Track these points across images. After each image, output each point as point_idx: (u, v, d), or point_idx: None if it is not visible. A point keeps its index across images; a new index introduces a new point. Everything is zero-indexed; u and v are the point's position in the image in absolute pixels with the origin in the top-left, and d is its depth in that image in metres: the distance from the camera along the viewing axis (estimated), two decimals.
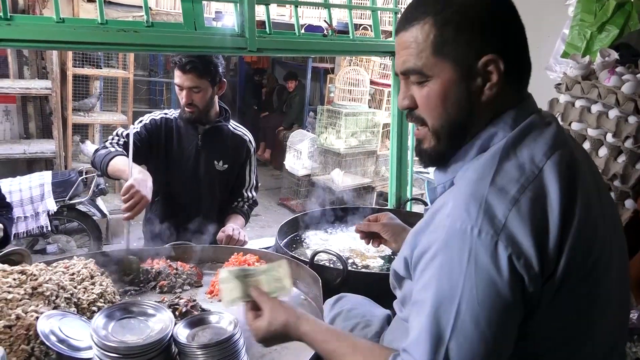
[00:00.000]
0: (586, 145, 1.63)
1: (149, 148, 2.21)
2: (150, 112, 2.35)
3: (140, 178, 1.81)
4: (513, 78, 0.91)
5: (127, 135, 2.12)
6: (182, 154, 2.24)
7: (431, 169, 1.06)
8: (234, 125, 2.38)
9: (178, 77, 2.13)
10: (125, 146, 2.09)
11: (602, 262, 0.86)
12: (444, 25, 0.88)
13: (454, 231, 0.81)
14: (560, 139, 0.90)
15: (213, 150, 2.28)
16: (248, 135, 2.40)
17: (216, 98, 2.27)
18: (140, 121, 2.26)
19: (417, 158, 1.05)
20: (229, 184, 2.36)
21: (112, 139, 2.17)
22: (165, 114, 2.31)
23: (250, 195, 2.42)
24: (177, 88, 2.19)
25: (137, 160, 1.94)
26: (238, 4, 1.93)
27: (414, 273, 0.89)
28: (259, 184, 2.54)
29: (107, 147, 2.11)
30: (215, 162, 2.28)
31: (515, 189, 0.81)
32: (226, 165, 2.31)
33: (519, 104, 0.92)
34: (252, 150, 2.41)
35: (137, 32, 1.75)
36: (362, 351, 0.94)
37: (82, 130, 5.62)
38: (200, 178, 2.25)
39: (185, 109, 2.17)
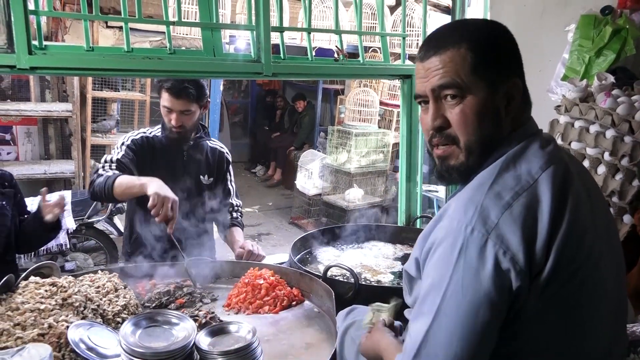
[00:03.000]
0: (585, 164, 1.70)
1: (138, 164, 2.24)
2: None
3: (156, 184, 1.87)
4: (525, 100, 1.04)
5: (117, 160, 2.16)
6: (169, 170, 2.26)
7: (440, 187, 1.15)
8: (209, 139, 2.45)
9: (168, 100, 2.16)
10: (119, 169, 2.13)
11: (587, 269, 0.93)
12: (480, 49, 0.99)
13: (452, 229, 0.91)
14: (556, 156, 0.99)
15: (198, 165, 2.34)
16: (224, 148, 2.50)
17: None
18: (122, 143, 2.26)
19: (438, 176, 1.10)
20: (215, 196, 2.40)
21: (103, 166, 2.17)
22: (144, 132, 2.33)
23: (238, 202, 2.52)
24: (164, 110, 2.21)
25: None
26: (254, 32, 2.04)
27: (423, 271, 0.98)
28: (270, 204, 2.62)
29: (101, 174, 2.11)
30: (201, 177, 2.35)
31: (510, 195, 0.90)
32: (211, 179, 2.38)
33: (525, 124, 1.03)
34: (229, 161, 2.50)
35: (160, 59, 1.87)
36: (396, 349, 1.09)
37: (100, 151, 5.76)
38: (189, 193, 2.29)
39: (173, 130, 2.21)
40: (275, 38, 2.16)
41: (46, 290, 1.48)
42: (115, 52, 1.88)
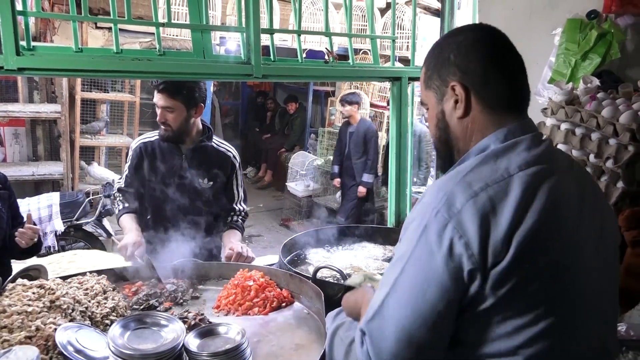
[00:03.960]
0: None
1: (139, 177, 2.33)
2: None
3: (127, 239, 2.13)
4: (491, 101, 1.06)
5: (119, 189, 2.39)
6: (168, 174, 2.29)
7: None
8: (217, 142, 2.44)
9: (155, 96, 2.24)
10: (123, 196, 2.37)
11: (562, 266, 0.95)
12: (426, 65, 1.15)
13: (422, 210, 0.98)
14: (544, 157, 1.00)
15: (198, 169, 2.33)
16: (232, 151, 2.46)
17: (196, 120, 2.33)
18: (128, 159, 2.39)
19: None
20: (215, 200, 2.41)
21: (116, 200, 2.41)
22: (144, 138, 2.38)
23: (241, 208, 2.49)
24: (157, 110, 2.28)
25: (136, 200, 2.31)
26: (244, 33, 2.05)
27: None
28: (254, 201, 2.65)
29: (117, 205, 2.37)
30: (200, 180, 2.34)
31: (479, 186, 0.95)
32: (211, 182, 2.37)
33: (512, 124, 1.04)
34: (237, 164, 2.47)
35: (150, 60, 1.87)
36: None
37: (89, 153, 5.73)
38: (188, 196, 2.30)
39: (161, 127, 2.27)
40: (265, 40, 2.16)
41: (34, 293, 1.47)
42: (104, 53, 1.87)
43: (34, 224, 2.21)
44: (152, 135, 2.37)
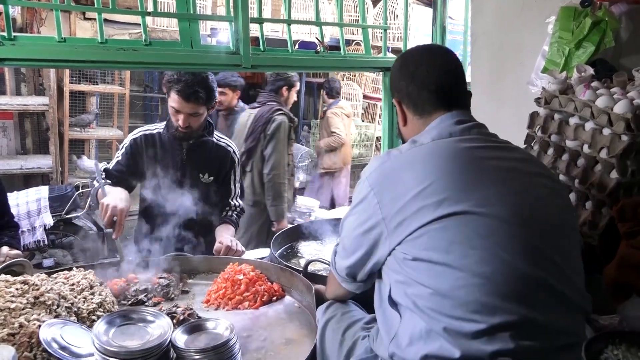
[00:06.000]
0: (565, 156, 1.70)
1: (135, 168, 2.28)
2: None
3: (110, 194, 1.95)
4: (417, 109, 1.32)
5: (106, 169, 2.26)
6: (167, 168, 2.27)
7: None
8: (217, 136, 2.43)
9: (176, 102, 2.17)
10: (108, 178, 2.21)
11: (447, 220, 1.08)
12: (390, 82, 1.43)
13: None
14: (450, 133, 1.22)
15: (198, 164, 2.32)
16: (232, 146, 2.45)
17: None
18: (123, 146, 2.32)
19: None
20: (215, 195, 2.40)
21: (96, 178, 2.23)
22: (146, 130, 2.35)
23: (237, 203, 2.47)
24: (172, 109, 2.22)
25: (123, 185, 2.14)
26: (233, 23, 2.01)
27: None
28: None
29: (94, 185, 2.20)
30: (201, 175, 2.33)
31: (394, 153, 1.22)
32: (211, 178, 2.36)
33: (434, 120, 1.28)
34: (236, 160, 2.46)
35: (135, 50, 1.83)
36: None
37: (78, 146, 5.66)
38: (186, 191, 2.27)
39: (180, 129, 2.23)
40: (255, 30, 2.12)
41: (17, 289, 1.43)
42: (89, 43, 1.83)
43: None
44: (153, 128, 2.35)
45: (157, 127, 2.35)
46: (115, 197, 1.97)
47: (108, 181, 2.18)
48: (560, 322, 1.07)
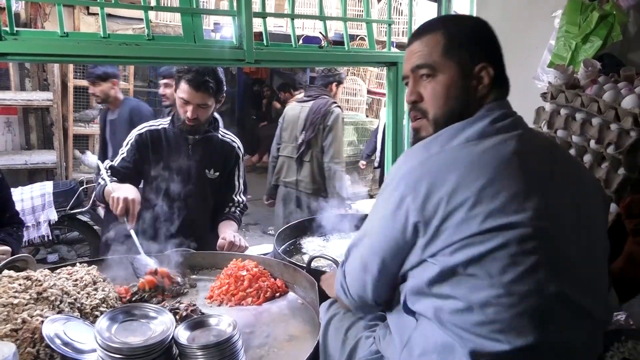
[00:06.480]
0: (571, 152, 1.68)
1: (141, 164, 2.26)
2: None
3: (119, 187, 1.94)
4: (500, 85, 1.16)
5: (111, 166, 2.23)
6: (173, 164, 2.26)
7: None
8: (222, 132, 2.42)
9: (186, 92, 2.16)
10: (113, 175, 2.19)
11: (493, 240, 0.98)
12: (451, 35, 1.14)
13: (391, 172, 1.10)
14: (502, 132, 1.07)
15: (204, 159, 2.31)
16: (236, 142, 2.45)
17: None
18: (128, 142, 2.31)
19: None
20: (220, 191, 2.40)
21: (100, 175, 2.23)
22: (151, 125, 2.34)
23: (240, 199, 2.46)
24: (180, 101, 2.21)
25: (129, 182, 2.10)
26: (236, 17, 1.99)
27: None
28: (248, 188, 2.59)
29: (100, 183, 2.20)
30: (207, 171, 2.32)
31: (435, 149, 1.05)
32: (217, 173, 2.35)
33: (491, 104, 1.13)
34: (241, 155, 2.46)
35: (138, 45, 1.81)
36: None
37: (82, 141, 5.67)
38: (192, 187, 2.28)
39: (187, 122, 2.22)
40: (259, 25, 2.11)
41: (20, 284, 1.43)
42: (91, 37, 1.82)
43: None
44: (157, 124, 2.34)
45: (162, 123, 2.34)
46: (124, 190, 1.97)
47: (114, 178, 2.17)
48: (584, 342, 1.04)
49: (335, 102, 3.82)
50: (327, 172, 3.74)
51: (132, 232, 1.86)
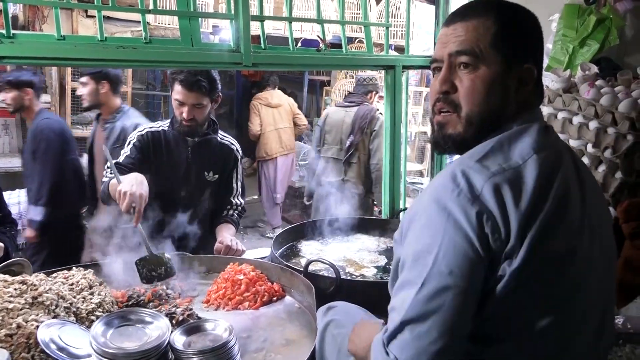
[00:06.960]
0: None
1: (142, 163, 2.25)
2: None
3: (125, 180, 1.85)
4: (538, 91, 1.05)
5: (116, 163, 2.18)
6: (172, 166, 2.26)
7: (424, 179, 1.13)
8: (221, 135, 2.42)
9: (180, 93, 2.17)
10: (120, 173, 2.12)
11: (567, 261, 0.92)
12: (505, 24, 1.00)
13: (437, 196, 0.90)
14: (552, 144, 0.99)
15: (203, 162, 2.31)
16: (235, 144, 2.45)
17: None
18: (130, 142, 2.30)
19: (433, 144, 1.11)
20: (219, 193, 2.39)
21: (105, 172, 2.24)
22: (152, 127, 2.34)
23: (238, 202, 2.46)
24: (175, 102, 2.22)
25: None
26: (234, 21, 1.99)
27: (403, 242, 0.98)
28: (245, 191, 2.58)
29: (104, 181, 2.18)
30: (206, 173, 2.32)
31: (496, 168, 0.91)
32: (216, 176, 2.35)
33: (531, 110, 1.03)
34: (239, 158, 2.45)
35: (135, 48, 1.81)
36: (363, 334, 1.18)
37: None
38: (192, 189, 2.28)
39: (184, 123, 2.22)
40: (257, 28, 2.11)
41: (15, 289, 1.42)
42: (88, 40, 1.81)
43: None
44: (157, 125, 2.34)
45: (162, 125, 2.34)
46: (132, 181, 1.84)
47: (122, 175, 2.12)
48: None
49: (378, 109, 4.09)
50: (376, 173, 3.96)
51: (141, 230, 1.77)
